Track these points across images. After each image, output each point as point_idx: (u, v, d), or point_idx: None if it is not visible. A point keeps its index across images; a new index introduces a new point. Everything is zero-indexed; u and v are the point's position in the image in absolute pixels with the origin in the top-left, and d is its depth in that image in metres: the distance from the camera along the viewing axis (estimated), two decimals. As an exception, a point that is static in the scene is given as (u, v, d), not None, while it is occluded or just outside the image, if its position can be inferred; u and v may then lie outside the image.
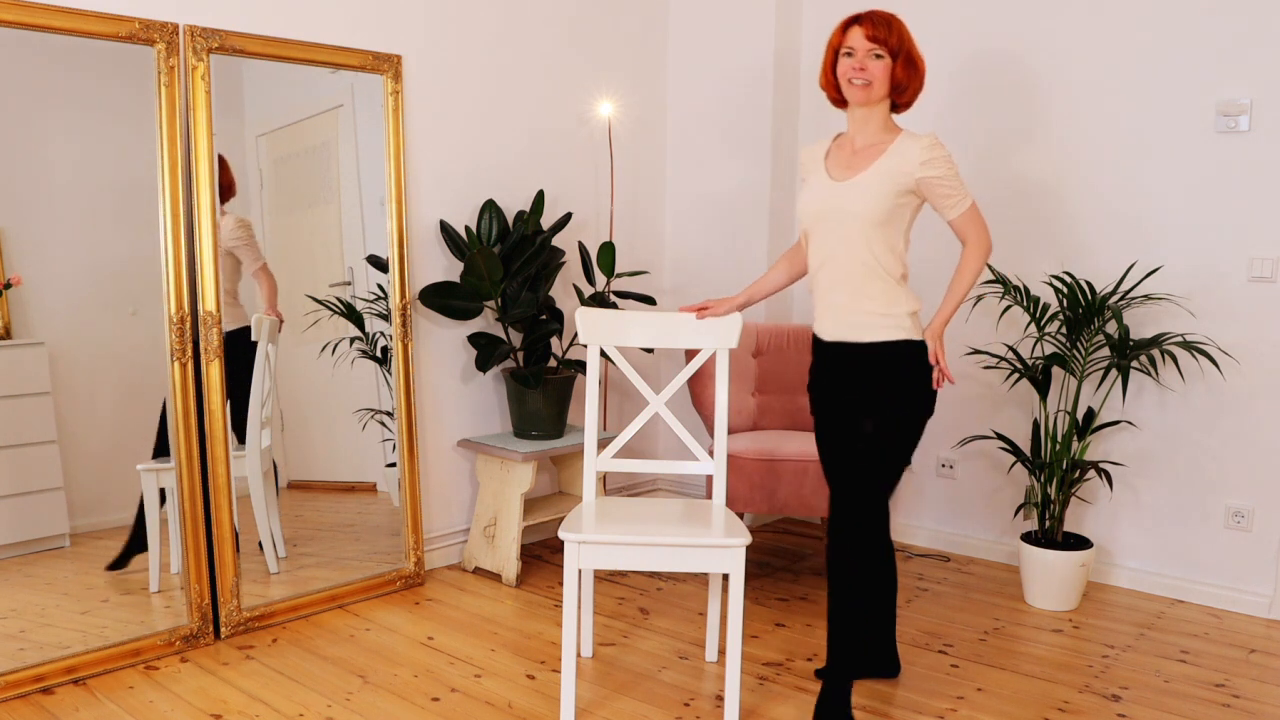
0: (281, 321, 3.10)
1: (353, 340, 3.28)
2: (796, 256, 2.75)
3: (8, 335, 2.60)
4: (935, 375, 2.46)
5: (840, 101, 2.55)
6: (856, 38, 2.45)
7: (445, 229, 3.47)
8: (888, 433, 2.47)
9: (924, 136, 2.46)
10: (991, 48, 3.67)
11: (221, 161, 2.92)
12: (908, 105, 2.54)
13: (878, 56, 2.44)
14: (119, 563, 2.84)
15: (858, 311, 2.46)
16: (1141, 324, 3.38)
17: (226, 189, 2.96)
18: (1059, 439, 3.30)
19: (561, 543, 3.09)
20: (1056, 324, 3.36)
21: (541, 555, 3.80)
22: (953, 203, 2.46)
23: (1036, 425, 3.35)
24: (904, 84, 2.48)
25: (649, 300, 3.79)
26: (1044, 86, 3.56)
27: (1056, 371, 3.52)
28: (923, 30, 3.82)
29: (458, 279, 3.44)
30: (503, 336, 3.55)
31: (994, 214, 3.71)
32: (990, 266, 3.44)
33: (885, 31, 2.43)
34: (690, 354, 3.62)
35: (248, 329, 3.03)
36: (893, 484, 2.52)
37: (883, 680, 2.75)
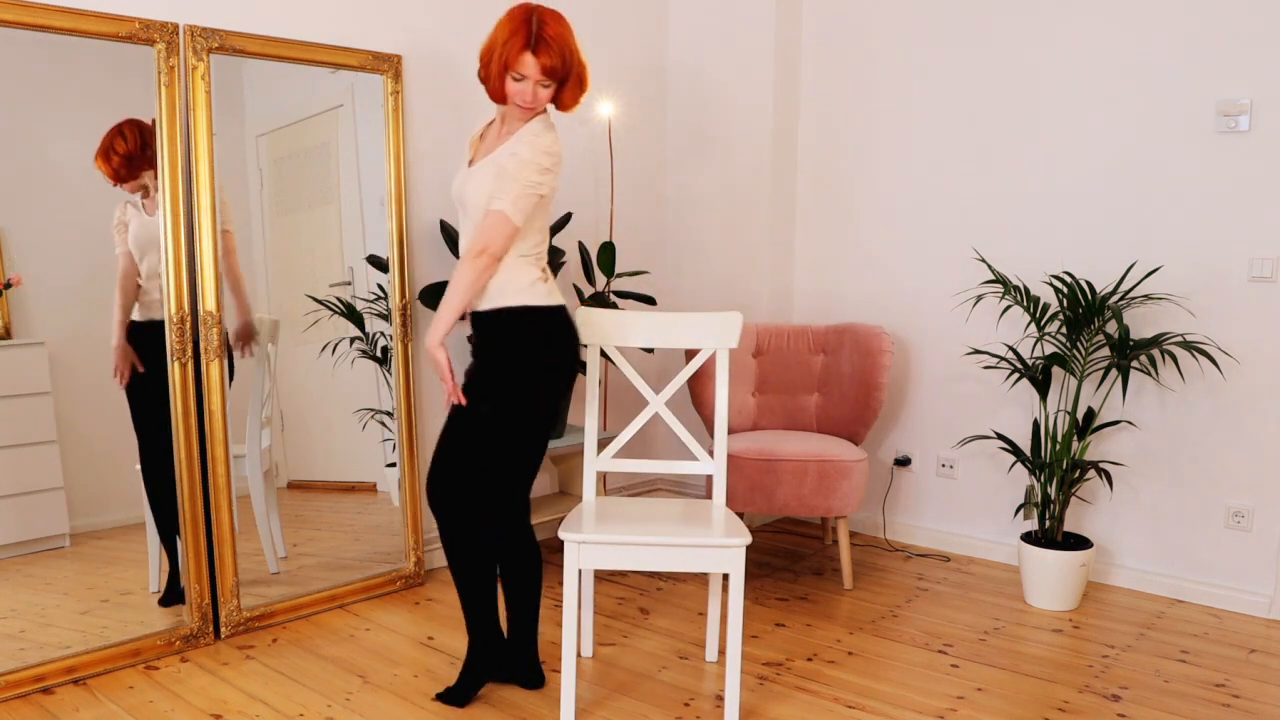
0: None
1: (353, 340, 3.28)
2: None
3: (8, 335, 2.60)
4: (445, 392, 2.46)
5: (501, 96, 2.45)
6: (529, 66, 2.37)
7: (445, 229, 3.47)
8: (489, 410, 2.47)
9: (536, 124, 2.42)
10: (990, 47, 3.67)
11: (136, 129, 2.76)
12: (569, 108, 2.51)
13: (545, 86, 2.40)
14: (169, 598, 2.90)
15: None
16: (1141, 324, 3.38)
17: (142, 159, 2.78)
18: (1059, 439, 3.30)
19: (561, 543, 3.09)
20: (1056, 324, 3.36)
21: (542, 555, 3.80)
22: (497, 195, 2.37)
23: (1036, 425, 3.35)
24: (572, 101, 2.47)
25: (649, 300, 3.78)
26: (1044, 85, 3.56)
27: (1056, 371, 3.52)
28: (920, 31, 3.83)
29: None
30: (503, 336, 3.55)
31: (994, 213, 3.71)
32: (990, 266, 3.45)
33: (559, 62, 2.37)
34: (690, 354, 3.62)
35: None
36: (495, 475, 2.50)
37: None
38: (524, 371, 2.45)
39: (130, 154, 2.74)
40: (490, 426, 2.45)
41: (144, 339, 2.80)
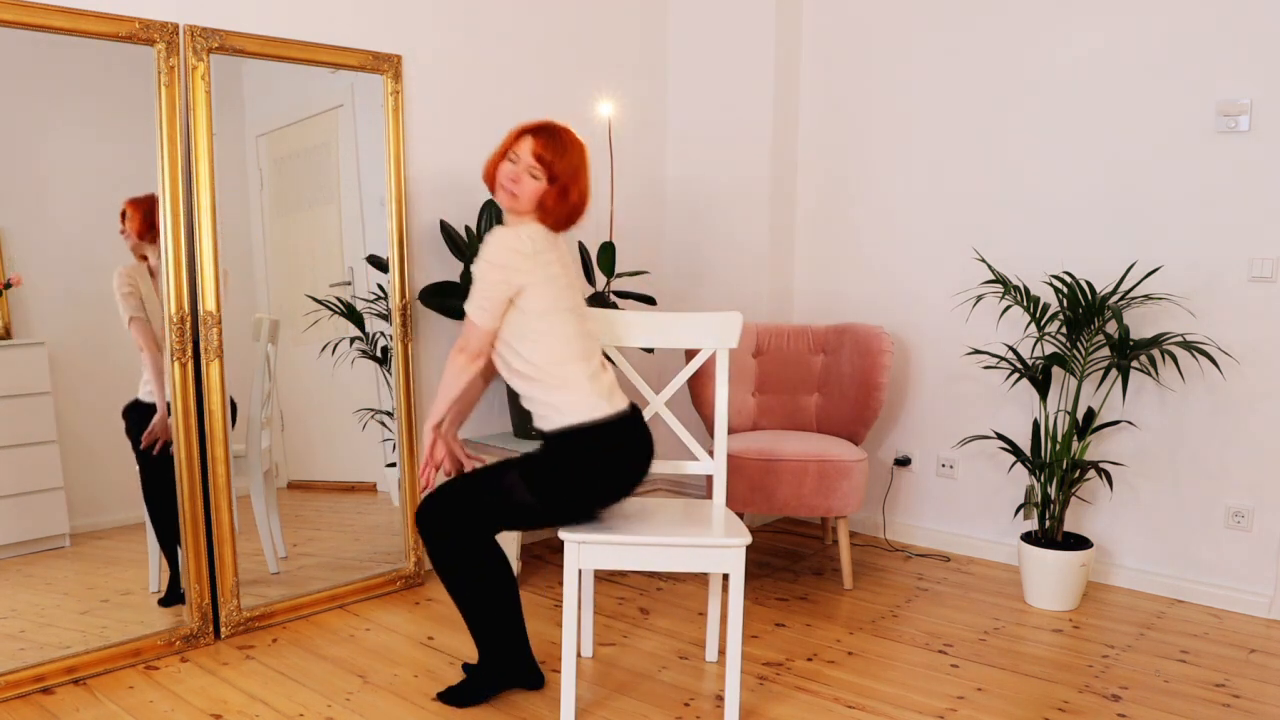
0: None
1: (353, 340, 3.28)
2: None
3: (8, 335, 2.60)
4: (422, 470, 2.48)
5: (494, 183, 2.44)
6: (524, 147, 2.36)
7: (445, 229, 3.47)
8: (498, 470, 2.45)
9: (499, 232, 2.34)
10: (991, 47, 3.67)
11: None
12: (558, 228, 2.43)
13: (534, 177, 2.35)
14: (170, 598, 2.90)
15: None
16: (1141, 324, 3.38)
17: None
18: (1059, 439, 3.30)
19: (561, 543, 3.09)
20: (1056, 324, 3.36)
21: (542, 555, 3.80)
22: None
23: (1036, 425, 3.35)
24: (552, 210, 2.38)
25: (649, 300, 3.79)
26: (1044, 85, 3.56)
27: (1056, 371, 3.52)
28: (920, 30, 3.82)
29: (458, 279, 3.44)
30: (503, 336, 3.54)
31: (994, 213, 3.71)
32: (990, 266, 3.45)
33: (554, 155, 2.34)
34: (690, 354, 3.62)
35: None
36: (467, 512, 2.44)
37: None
38: (586, 486, 2.42)
39: None
40: (526, 508, 2.43)
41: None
